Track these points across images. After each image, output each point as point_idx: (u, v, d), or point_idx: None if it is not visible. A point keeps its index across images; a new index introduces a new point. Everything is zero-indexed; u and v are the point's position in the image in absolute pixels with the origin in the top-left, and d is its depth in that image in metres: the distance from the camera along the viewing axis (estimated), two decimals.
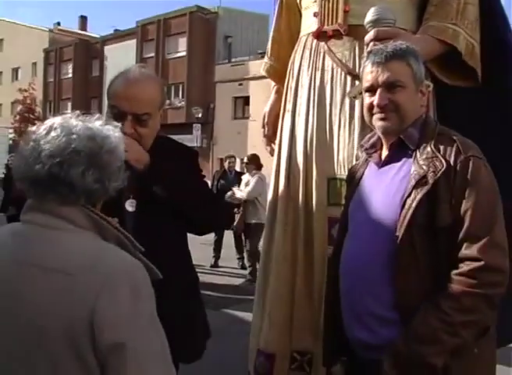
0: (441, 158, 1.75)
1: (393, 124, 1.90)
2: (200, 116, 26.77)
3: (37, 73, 43.37)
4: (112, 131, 1.38)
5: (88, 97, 39.04)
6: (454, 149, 1.77)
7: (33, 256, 1.29)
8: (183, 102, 30.83)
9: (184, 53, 31.60)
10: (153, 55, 32.86)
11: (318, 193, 2.94)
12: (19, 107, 39.54)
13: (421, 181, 1.74)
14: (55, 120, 1.36)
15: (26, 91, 39.29)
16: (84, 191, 1.32)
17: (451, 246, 1.70)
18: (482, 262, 1.64)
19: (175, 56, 32.36)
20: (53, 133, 1.30)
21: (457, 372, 1.71)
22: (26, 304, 1.25)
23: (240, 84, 29.15)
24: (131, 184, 1.83)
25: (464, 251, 1.68)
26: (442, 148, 1.79)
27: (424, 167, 1.76)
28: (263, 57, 3.70)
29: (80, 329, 1.21)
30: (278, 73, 3.45)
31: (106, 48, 38.33)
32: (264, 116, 3.59)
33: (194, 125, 26.12)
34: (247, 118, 28.17)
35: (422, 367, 1.68)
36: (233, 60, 30.84)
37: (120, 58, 34.96)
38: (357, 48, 2.88)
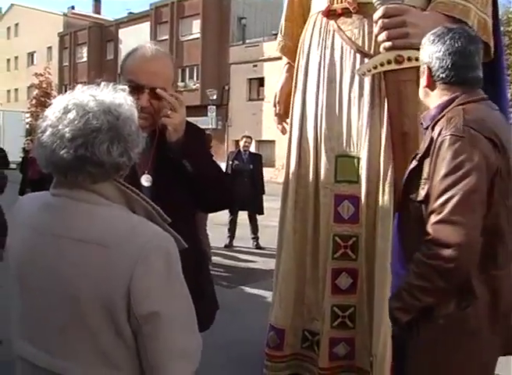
0: (431, 136, 1.85)
1: None
2: (214, 97, 26.68)
3: (52, 57, 43.48)
4: (124, 98, 1.38)
5: (103, 80, 39.09)
6: (441, 127, 1.82)
7: (69, 229, 1.31)
8: (197, 84, 30.76)
9: (198, 35, 31.44)
10: (167, 37, 32.75)
11: (326, 170, 2.98)
12: (35, 91, 39.72)
13: (415, 157, 1.92)
14: (66, 100, 1.34)
15: (41, 75, 39.44)
16: (112, 165, 1.32)
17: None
18: (431, 236, 1.74)
19: (189, 38, 32.22)
20: (70, 115, 1.29)
21: (425, 337, 1.85)
22: (64, 275, 1.29)
23: (255, 66, 28.98)
24: (146, 159, 1.87)
25: (427, 223, 1.79)
26: (437, 126, 1.86)
27: (423, 144, 1.90)
28: (277, 38, 3.73)
29: (117, 299, 1.26)
30: (292, 51, 3.46)
31: (120, 31, 38.27)
32: (276, 95, 3.62)
33: (209, 107, 26.09)
34: (262, 99, 28.04)
35: (392, 319, 1.91)
36: (247, 42, 30.62)
37: (134, 41, 34.53)
38: (366, 26, 2.89)
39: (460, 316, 1.78)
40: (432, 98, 1.97)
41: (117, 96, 1.37)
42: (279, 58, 3.73)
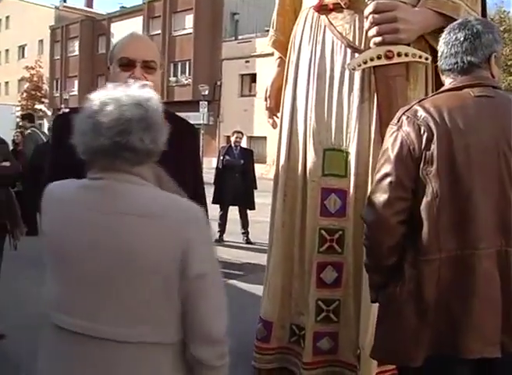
0: None
1: None
2: (206, 93, 26.64)
3: (43, 50, 43.23)
4: (150, 94, 1.54)
5: (95, 74, 38.89)
6: None
7: (120, 206, 1.47)
8: (189, 80, 30.73)
9: (191, 30, 31.38)
10: (159, 32, 32.66)
11: (314, 163, 3.00)
12: (26, 85, 39.54)
13: None
14: (102, 95, 1.50)
15: (32, 68, 39.25)
16: (144, 152, 1.48)
17: None
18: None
19: (181, 33, 32.15)
20: (108, 108, 1.46)
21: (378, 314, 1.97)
22: (121, 248, 1.43)
23: (247, 62, 28.98)
24: None
25: None
26: None
27: None
28: (269, 33, 3.74)
29: (172, 265, 1.42)
30: (284, 46, 3.47)
31: (113, 25, 38.10)
32: (267, 89, 3.64)
33: (201, 102, 26.04)
34: (254, 95, 28.03)
35: None
36: (240, 37, 30.60)
37: None
38: (357, 21, 2.91)
39: (390, 296, 1.86)
40: None
41: (145, 91, 1.54)
42: (272, 55, 3.75)
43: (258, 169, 10.06)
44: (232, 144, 8.87)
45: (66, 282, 1.50)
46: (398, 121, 1.87)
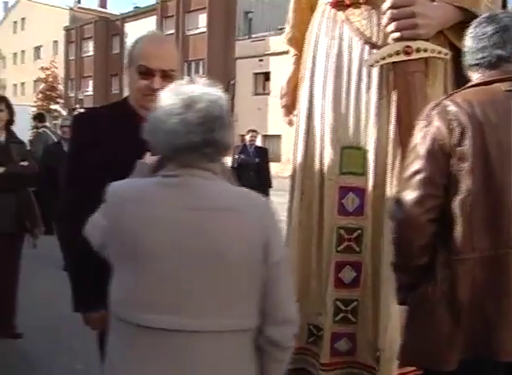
0: None
1: None
2: None
3: (58, 51, 43.63)
4: (219, 92, 1.61)
5: (109, 74, 39.16)
6: None
7: (204, 202, 1.54)
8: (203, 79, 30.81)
9: (204, 29, 31.48)
10: (173, 31, 32.76)
11: (331, 161, 2.95)
12: (42, 85, 39.84)
13: None
14: (183, 93, 1.54)
15: (48, 69, 39.56)
16: (223, 148, 1.58)
17: None
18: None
19: (195, 32, 32.27)
20: (198, 105, 1.50)
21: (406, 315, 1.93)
22: (211, 242, 1.50)
23: (261, 60, 28.98)
24: None
25: None
26: None
27: None
28: (283, 33, 3.69)
29: (257, 254, 1.53)
30: (300, 43, 3.40)
31: (126, 25, 38.31)
32: (283, 87, 3.60)
33: None
34: (268, 94, 28.06)
35: None
36: (254, 36, 30.61)
37: None
38: (374, 17, 2.85)
39: (422, 296, 1.83)
40: None
41: (216, 90, 1.60)
42: (286, 53, 3.71)
43: (273, 167, 10.05)
44: (247, 143, 8.90)
45: (145, 280, 1.52)
46: (427, 116, 1.83)
